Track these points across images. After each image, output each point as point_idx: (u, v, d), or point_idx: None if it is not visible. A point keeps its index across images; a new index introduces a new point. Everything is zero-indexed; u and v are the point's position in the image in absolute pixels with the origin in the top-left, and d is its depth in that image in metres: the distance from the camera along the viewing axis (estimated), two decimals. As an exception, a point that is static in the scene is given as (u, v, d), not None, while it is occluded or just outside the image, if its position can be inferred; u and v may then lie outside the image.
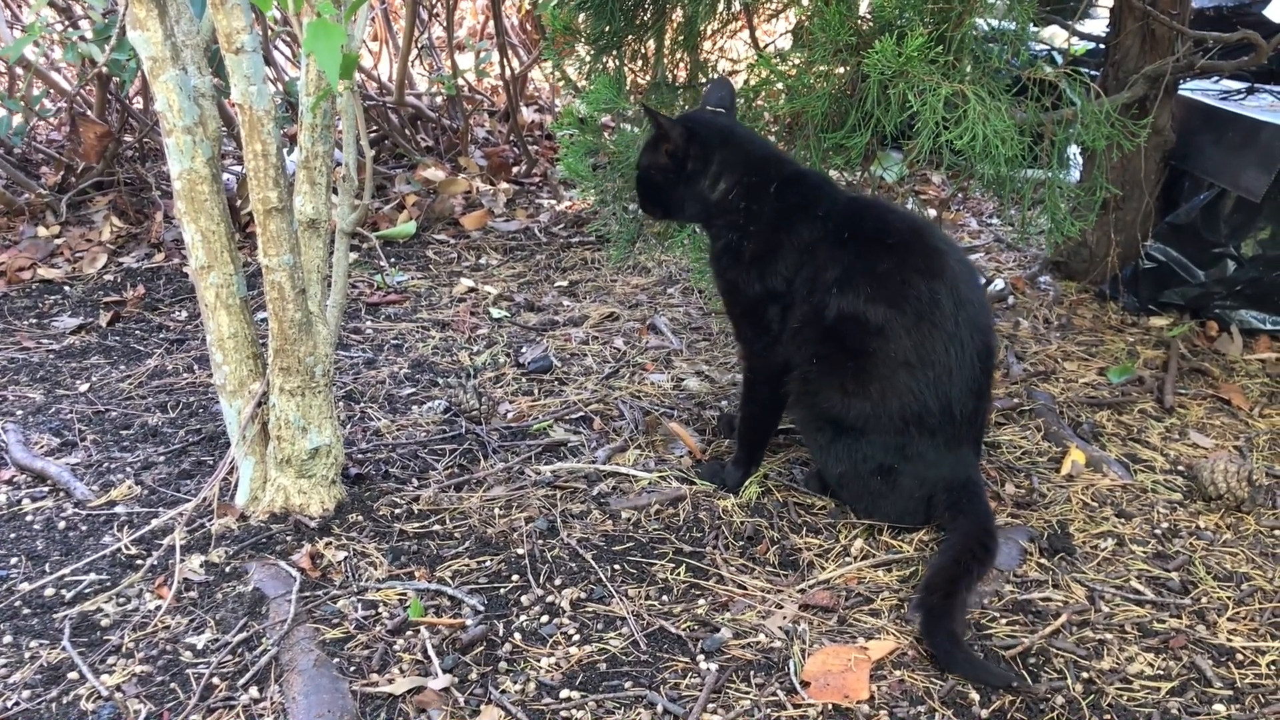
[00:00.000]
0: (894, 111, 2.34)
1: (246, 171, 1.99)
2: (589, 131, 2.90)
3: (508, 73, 4.92)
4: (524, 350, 3.08)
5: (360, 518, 2.20)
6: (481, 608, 1.94)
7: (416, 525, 2.19)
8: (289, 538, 2.12)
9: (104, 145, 3.95)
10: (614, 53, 2.93)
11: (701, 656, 1.82)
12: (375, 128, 4.88)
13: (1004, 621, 1.92)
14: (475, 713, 1.69)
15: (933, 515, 2.15)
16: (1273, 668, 1.82)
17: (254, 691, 1.73)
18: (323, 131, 2.07)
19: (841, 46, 2.38)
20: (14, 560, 2.08)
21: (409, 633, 1.87)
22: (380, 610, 1.93)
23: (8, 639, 1.86)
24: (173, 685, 1.74)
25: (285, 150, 2.03)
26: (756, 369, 2.29)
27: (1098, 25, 3.64)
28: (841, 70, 2.48)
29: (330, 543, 2.12)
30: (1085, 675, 1.78)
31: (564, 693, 1.73)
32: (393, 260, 3.91)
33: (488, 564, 2.07)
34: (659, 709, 1.69)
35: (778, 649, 1.83)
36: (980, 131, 2.23)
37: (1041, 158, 2.63)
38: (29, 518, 2.23)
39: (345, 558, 2.07)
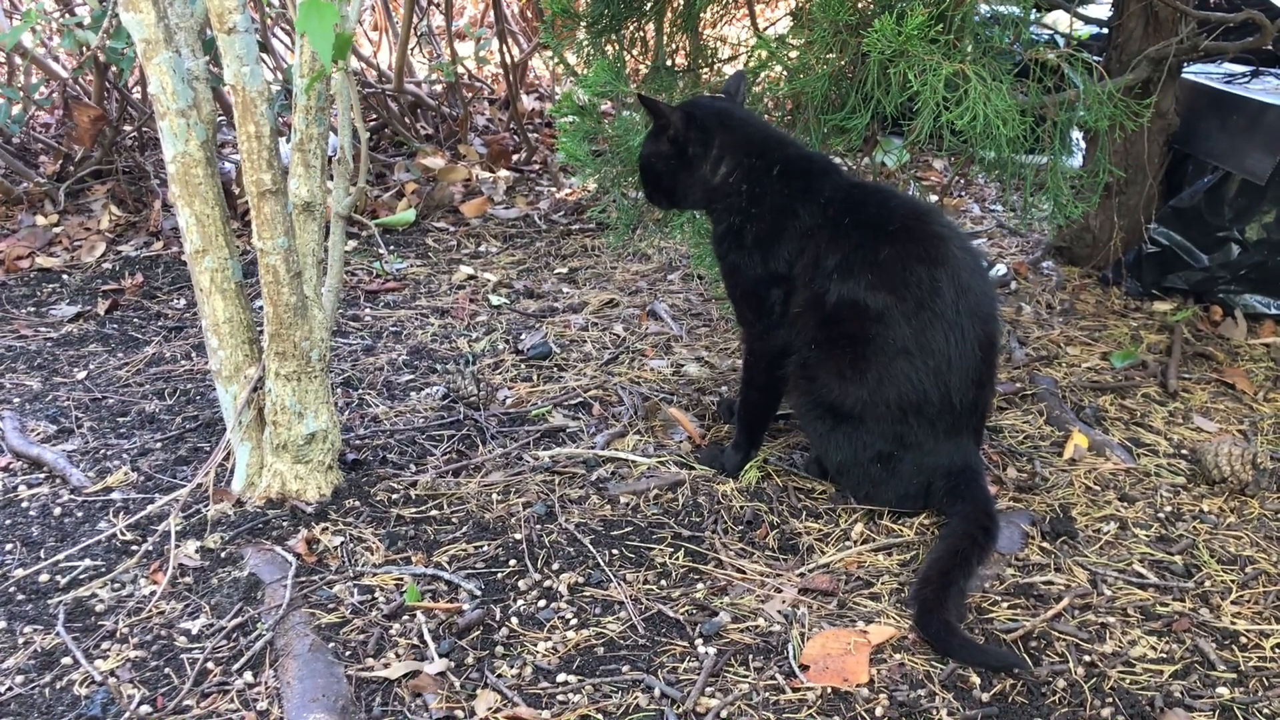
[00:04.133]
0: (894, 92, 2.32)
1: (240, 154, 1.97)
2: (588, 117, 2.87)
3: (507, 60, 4.89)
4: (523, 337, 3.07)
5: (357, 503, 2.19)
6: (478, 592, 1.92)
7: (414, 510, 2.18)
8: (285, 523, 2.11)
9: (98, 129, 3.93)
10: (613, 36, 2.91)
11: (700, 640, 1.80)
12: (375, 115, 4.86)
13: (1005, 605, 1.91)
14: (471, 696, 1.67)
15: (931, 501, 2.13)
16: (1277, 651, 1.80)
17: (248, 676, 1.72)
18: (317, 114, 2.05)
19: (841, 26, 2.36)
20: (9, 546, 2.07)
21: (405, 617, 1.86)
22: (376, 595, 1.92)
23: (2, 624, 1.85)
24: (167, 670, 1.73)
25: (283, 137, 2.01)
26: (757, 351, 2.28)
27: (1101, 11, 3.61)
28: (841, 51, 2.45)
29: (327, 528, 2.10)
30: (1087, 658, 1.77)
31: (561, 676, 1.72)
32: (392, 248, 3.89)
33: (485, 549, 2.06)
34: (656, 692, 1.68)
35: (777, 633, 1.82)
36: (981, 111, 2.20)
37: (1043, 140, 2.61)
38: (25, 504, 2.22)
39: (342, 543, 2.06)
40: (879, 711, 1.65)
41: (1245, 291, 3.15)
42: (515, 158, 4.95)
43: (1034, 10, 2.75)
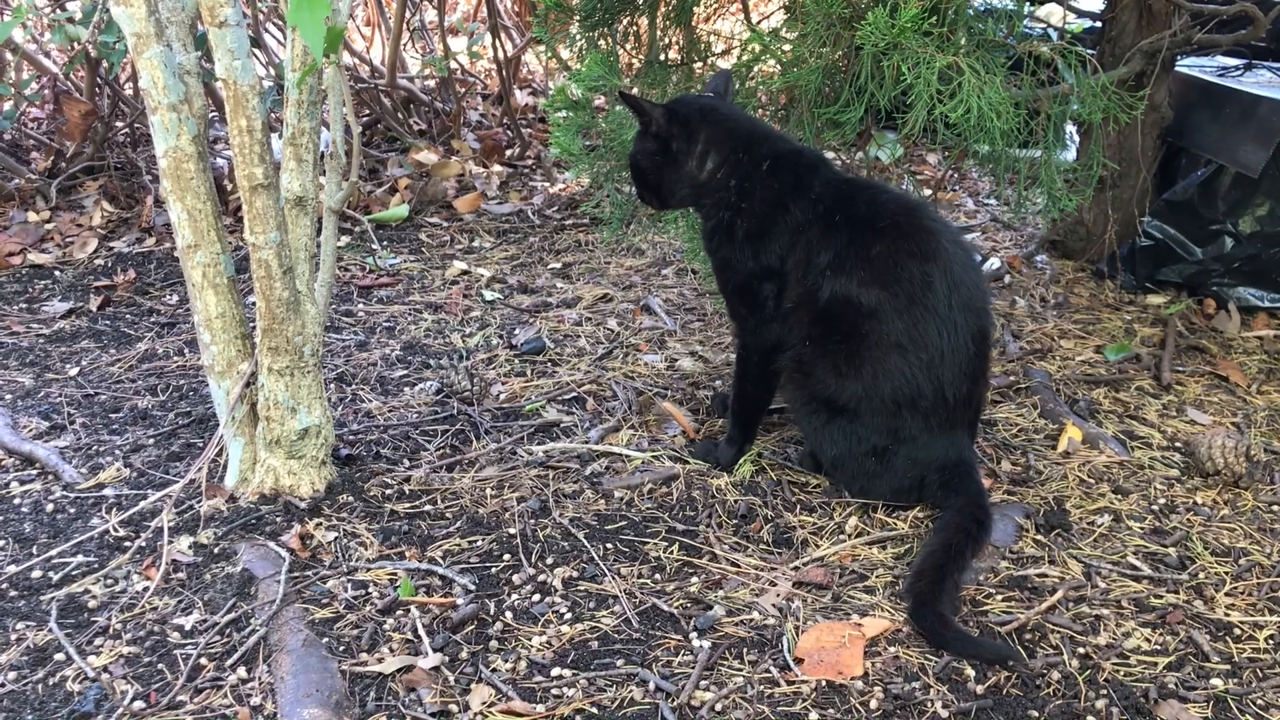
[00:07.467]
0: (888, 86, 2.31)
1: (232, 149, 1.96)
2: (582, 111, 2.87)
3: (500, 55, 4.88)
4: (517, 332, 3.06)
5: (351, 498, 2.19)
6: (473, 587, 1.92)
7: (408, 506, 2.18)
8: (278, 518, 2.11)
9: (88, 124, 3.91)
10: (606, 30, 2.90)
11: (694, 634, 1.80)
12: (368, 111, 4.85)
13: (1000, 598, 1.91)
14: (465, 691, 1.67)
15: (925, 495, 2.13)
16: (1270, 642, 1.80)
17: (242, 671, 1.71)
18: (309, 108, 2.04)
19: (835, 20, 2.36)
20: (1, 543, 2.07)
21: (399, 612, 1.86)
22: (370, 590, 1.91)
23: (-6, 621, 1.85)
24: (160, 666, 1.73)
25: (275, 132, 2.00)
26: (749, 346, 2.27)
27: (1094, 3, 3.61)
28: (834, 44, 2.45)
29: (320, 523, 2.10)
30: (1082, 651, 1.77)
31: (555, 671, 1.71)
32: (385, 243, 3.88)
33: (479, 544, 2.05)
34: (651, 686, 1.67)
35: (771, 626, 1.82)
36: (975, 105, 2.20)
37: (1037, 133, 2.61)
38: (17, 500, 2.22)
39: (335, 538, 2.06)
40: (873, 704, 1.65)
41: (1239, 284, 3.15)
42: (508, 153, 4.94)
43: (1027, 3, 2.75)
